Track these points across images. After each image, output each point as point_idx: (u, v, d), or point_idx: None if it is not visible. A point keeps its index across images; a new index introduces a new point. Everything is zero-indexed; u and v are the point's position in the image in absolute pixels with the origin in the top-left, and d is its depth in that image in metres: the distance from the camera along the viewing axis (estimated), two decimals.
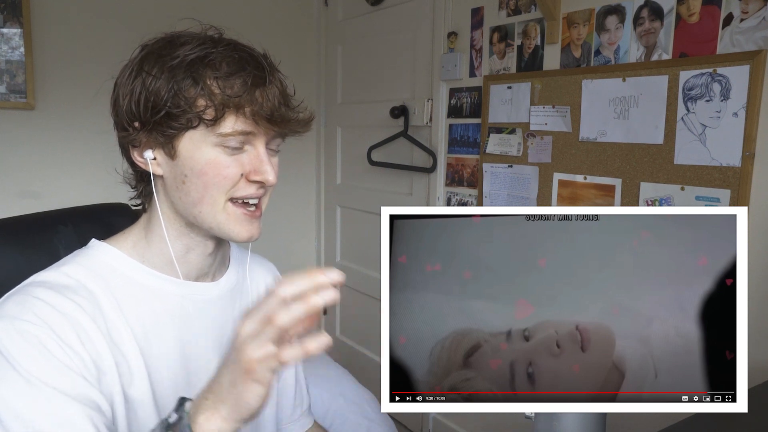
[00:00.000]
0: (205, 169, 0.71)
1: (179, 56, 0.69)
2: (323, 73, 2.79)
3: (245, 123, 0.70)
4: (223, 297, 0.83)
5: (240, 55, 0.71)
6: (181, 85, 0.68)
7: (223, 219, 0.73)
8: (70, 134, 2.21)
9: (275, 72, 0.74)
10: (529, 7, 1.78)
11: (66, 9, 2.19)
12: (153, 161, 0.73)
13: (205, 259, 0.79)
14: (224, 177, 0.71)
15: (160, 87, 0.69)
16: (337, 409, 1.42)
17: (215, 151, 0.71)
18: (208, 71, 0.69)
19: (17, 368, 0.62)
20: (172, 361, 0.76)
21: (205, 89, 0.68)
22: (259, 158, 0.72)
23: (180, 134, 0.70)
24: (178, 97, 0.68)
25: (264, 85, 0.70)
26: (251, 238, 0.75)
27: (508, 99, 1.86)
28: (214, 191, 0.72)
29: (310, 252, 2.96)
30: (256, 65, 0.71)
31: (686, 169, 1.41)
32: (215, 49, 0.70)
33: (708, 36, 1.35)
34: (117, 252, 0.76)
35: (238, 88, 0.69)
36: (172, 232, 0.77)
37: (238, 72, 0.69)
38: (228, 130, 0.69)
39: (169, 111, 0.69)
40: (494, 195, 1.95)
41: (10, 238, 0.93)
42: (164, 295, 0.76)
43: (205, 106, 0.68)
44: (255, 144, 0.72)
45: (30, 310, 0.66)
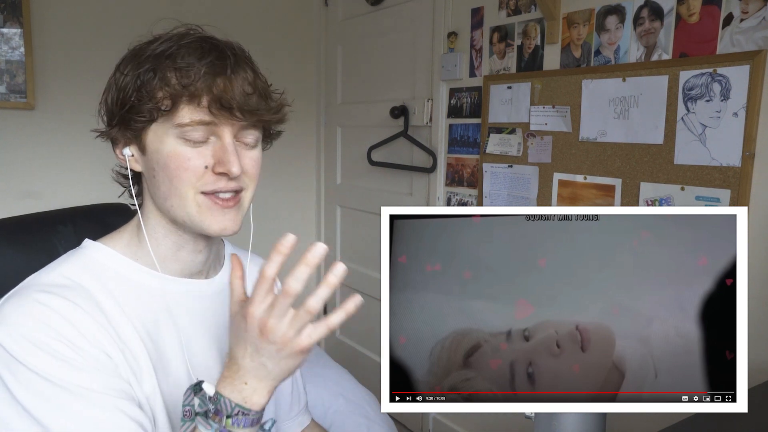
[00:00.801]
0: (167, 161, 0.70)
1: (147, 52, 0.70)
2: (323, 73, 2.79)
3: (202, 112, 0.69)
4: (218, 293, 0.83)
5: (203, 45, 0.70)
6: (143, 79, 0.69)
7: (194, 211, 0.72)
8: (70, 134, 2.21)
9: (242, 62, 0.72)
10: (529, 7, 1.78)
11: (66, 9, 2.19)
12: (131, 158, 0.75)
13: (196, 256, 0.79)
14: (185, 169, 0.70)
15: (128, 82, 0.70)
16: (337, 409, 1.42)
17: (177, 143, 0.70)
18: (168, 62, 0.69)
19: (46, 377, 0.63)
20: (172, 357, 0.76)
21: (164, 80, 0.68)
22: (223, 149, 0.71)
23: (145, 128, 0.71)
24: (141, 91, 0.69)
25: (225, 74, 0.69)
26: (224, 230, 0.74)
27: (508, 99, 1.86)
28: (179, 184, 0.71)
29: None
30: (218, 55, 0.70)
31: (686, 169, 1.41)
32: (179, 43, 0.70)
33: (708, 36, 1.35)
34: (110, 251, 0.76)
35: (194, 77, 0.68)
36: (160, 229, 0.77)
37: (195, 62, 0.68)
38: (185, 120, 0.69)
39: (133, 104, 0.69)
40: (494, 195, 1.95)
41: (10, 238, 0.93)
42: (159, 292, 0.76)
43: (162, 97, 0.69)
44: (221, 135, 0.71)
45: (32, 315, 0.66)
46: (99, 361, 0.67)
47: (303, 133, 2.81)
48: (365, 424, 1.39)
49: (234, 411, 0.62)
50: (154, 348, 0.74)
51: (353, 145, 2.64)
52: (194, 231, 0.75)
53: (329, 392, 1.45)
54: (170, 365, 0.76)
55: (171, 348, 0.76)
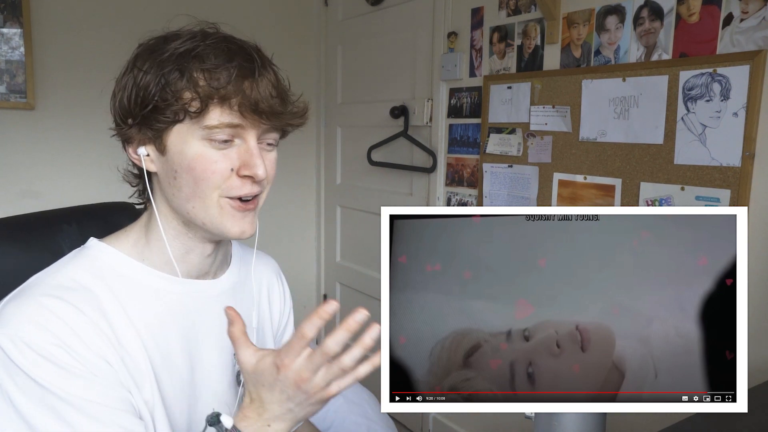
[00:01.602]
0: (192, 164, 0.70)
1: (169, 50, 0.68)
2: (323, 73, 2.79)
3: (232, 115, 0.68)
4: (224, 294, 0.83)
5: (229, 47, 0.70)
6: (168, 78, 0.68)
7: (216, 214, 0.72)
8: (70, 134, 2.20)
9: (267, 64, 0.72)
10: (529, 7, 1.78)
11: (66, 9, 2.19)
12: (146, 158, 0.73)
13: (204, 259, 0.79)
14: (213, 172, 0.70)
15: (149, 81, 0.68)
16: (337, 409, 1.42)
17: (202, 145, 0.69)
18: (195, 63, 0.68)
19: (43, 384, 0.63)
20: (176, 359, 0.76)
21: (191, 81, 0.67)
22: (249, 152, 0.71)
23: (168, 128, 0.70)
24: (165, 91, 0.68)
25: (253, 76, 0.69)
26: (243, 233, 0.74)
27: (508, 99, 1.86)
28: (204, 187, 0.70)
29: (310, 252, 2.96)
30: (246, 57, 0.70)
31: (686, 169, 1.41)
32: (204, 42, 0.69)
33: (708, 36, 1.35)
34: (116, 252, 0.76)
35: (224, 80, 0.67)
36: (170, 231, 0.76)
37: (225, 64, 0.68)
38: (214, 122, 0.68)
39: (157, 104, 0.68)
40: (494, 195, 1.95)
41: (15, 237, 0.93)
42: (165, 294, 0.76)
43: (190, 99, 0.67)
44: (245, 138, 0.71)
45: (34, 320, 0.65)
46: (99, 369, 0.67)
47: (303, 133, 2.80)
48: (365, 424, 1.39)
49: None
50: (158, 351, 0.74)
51: (353, 145, 2.63)
52: (212, 233, 0.75)
53: None
54: (175, 367, 0.75)
55: (176, 350, 0.76)
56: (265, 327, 0.91)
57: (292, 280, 1.00)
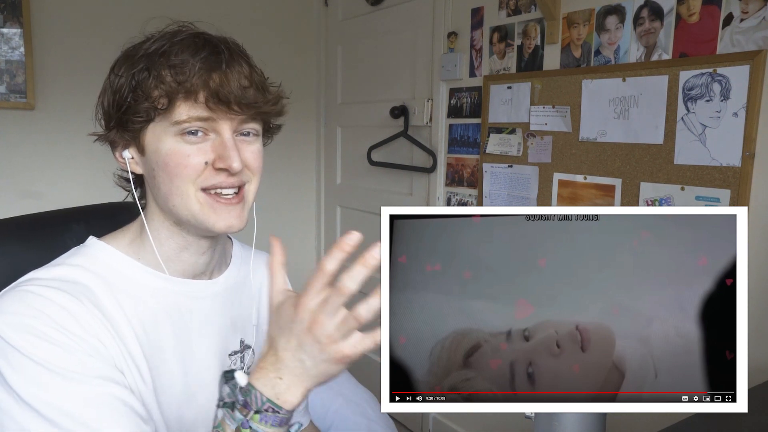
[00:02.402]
0: (166, 160, 0.70)
1: (140, 52, 0.70)
2: (323, 73, 2.79)
3: (200, 108, 0.69)
4: (220, 295, 0.83)
5: (196, 41, 0.70)
6: (138, 78, 0.69)
7: (197, 209, 0.72)
8: (70, 134, 2.21)
9: (237, 56, 0.72)
10: (529, 7, 1.78)
11: (66, 9, 2.19)
12: (131, 160, 0.74)
13: (199, 258, 0.79)
14: (185, 166, 0.70)
15: (122, 83, 0.69)
16: (337, 409, 1.42)
17: (175, 141, 0.70)
18: (162, 60, 0.68)
19: (40, 362, 0.63)
20: (170, 359, 0.76)
21: (158, 78, 0.68)
22: (222, 144, 0.70)
23: (143, 128, 0.71)
24: (137, 91, 0.68)
25: (220, 68, 0.69)
26: (230, 227, 0.73)
27: (508, 99, 1.86)
28: (179, 182, 0.70)
29: (310, 252, 2.96)
30: (212, 50, 0.70)
31: (686, 169, 1.41)
32: (172, 40, 0.69)
33: (708, 36, 1.35)
34: (113, 250, 0.76)
35: (189, 73, 0.67)
36: (164, 231, 0.76)
37: (190, 59, 0.68)
38: (183, 117, 0.68)
39: (129, 105, 0.69)
40: (494, 195, 1.95)
41: (22, 236, 0.94)
42: (160, 292, 0.76)
43: (158, 96, 0.68)
44: (219, 131, 0.71)
45: (29, 304, 0.66)
46: (95, 348, 0.67)
47: (303, 133, 2.81)
48: (365, 424, 1.39)
49: (264, 406, 0.60)
50: (151, 349, 0.74)
51: (353, 145, 2.63)
52: (200, 230, 0.75)
53: (329, 392, 1.45)
54: (167, 366, 0.76)
55: (169, 349, 0.76)
56: (264, 325, 0.91)
57: (292, 280, 1.00)
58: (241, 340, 0.85)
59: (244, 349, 0.86)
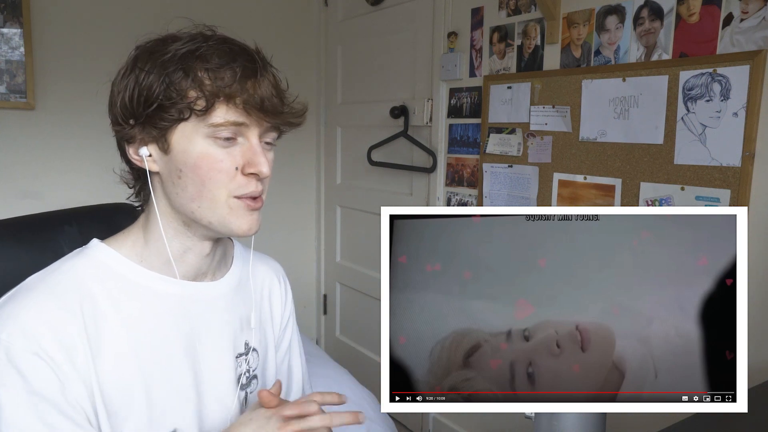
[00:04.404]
0: (198, 162, 0.71)
1: (171, 51, 0.70)
2: (323, 73, 2.79)
3: (237, 113, 0.70)
4: (223, 296, 0.83)
5: (231, 48, 0.71)
6: (172, 78, 0.69)
7: (225, 213, 0.73)
8: (70, 134, 2.20)
9: (267, 65, 0.74)
10: (529, 7, 1.78)
11: (66, 9, 2.19)
12: (149, 158, 0.74)
13: (202, 259, 0.79)
14: (218, 171, 0.71)
15: (153, 81, 0.69)
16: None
17: (207, 144, 0.71)
18: (198, 63, 0.69)
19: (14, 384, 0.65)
20: (175, 361, 0.76)
21: (196, 80, 0.69)
22: (252, 150, 0.72)
23: (173, 127, 0.71)
24: (170, 90, 0.69)
25: (255, 76, 0.71)
26: (250, 230, 0.75)
27: (508, 99, 1.86)
28: (211, 186, 0.71)
29: (310, 252, 2.96)
30: (248, 57, 0.71)
31: (686, 169, 1.41)
32: (206, 44, 0.70)
33: (708, 36, 1.35)
34: (114, 253, 0.76)
35: (229, 79, 0.69)
36: (169, 231, 0.76)
37: (228, 63, 0.69)
38: (219, 120, 0.69)
39: (161, 103, 0.69)
40: (494, 195, 1.95)
41: (15, 237, 0.94)
42: (163, 295, 0.76)
43: (195, 97, 0.69)
44: (248, 136, 0.72)
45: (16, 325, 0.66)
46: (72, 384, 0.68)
47: (303, 133, 2.80)
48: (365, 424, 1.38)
49: None
50: (153, 355, 0.74)
51: (353, 145, 2.63)
52: (217, 232, 0.76)
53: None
54: (172, 370, 0.75)
55: (178, 353, 0.76)
56: (266, 328, 0.91)
57: (293, 280, 1.00)
58: (246, 342, 0.85)
59: (248, 351, 0.86)
